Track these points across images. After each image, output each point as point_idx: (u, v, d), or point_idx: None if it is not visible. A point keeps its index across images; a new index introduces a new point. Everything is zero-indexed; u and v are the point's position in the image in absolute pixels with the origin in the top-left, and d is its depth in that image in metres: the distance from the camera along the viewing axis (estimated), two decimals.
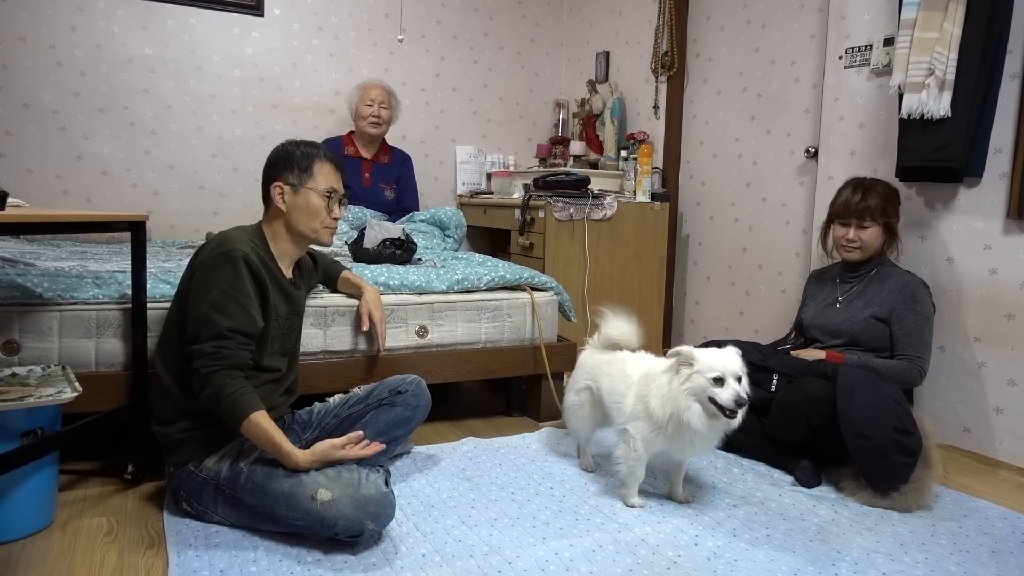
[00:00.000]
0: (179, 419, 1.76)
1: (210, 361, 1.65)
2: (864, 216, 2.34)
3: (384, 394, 2.01)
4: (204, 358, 1.66)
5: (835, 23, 2.89)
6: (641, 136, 3.65)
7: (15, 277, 1.93)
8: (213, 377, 1.65)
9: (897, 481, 1.97)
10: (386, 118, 3.49)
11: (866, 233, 2.35)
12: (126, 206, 3.47)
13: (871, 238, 2.35)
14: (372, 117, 3.44)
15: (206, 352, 1.66)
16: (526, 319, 2.61)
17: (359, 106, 3.46)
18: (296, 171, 1.85)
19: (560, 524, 1.82)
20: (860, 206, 2.34)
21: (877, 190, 2.36)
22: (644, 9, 3.81)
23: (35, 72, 3.28)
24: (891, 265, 2.41)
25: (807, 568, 1.64)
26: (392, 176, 3.58)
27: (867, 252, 2.38)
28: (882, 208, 2.34)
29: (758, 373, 2.30)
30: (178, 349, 1.76)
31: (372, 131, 3.46)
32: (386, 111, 3.48)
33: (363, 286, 2.28)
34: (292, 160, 1.85)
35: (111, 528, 1.74)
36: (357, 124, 3.49)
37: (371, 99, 3.45)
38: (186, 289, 1.77)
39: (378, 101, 3.45)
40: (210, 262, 1.72)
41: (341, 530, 1.60)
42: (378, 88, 3.50)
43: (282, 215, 1.86)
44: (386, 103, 3.49)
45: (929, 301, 2.32)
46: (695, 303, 3.71)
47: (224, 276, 1.70)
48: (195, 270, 1.75)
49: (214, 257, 1.72)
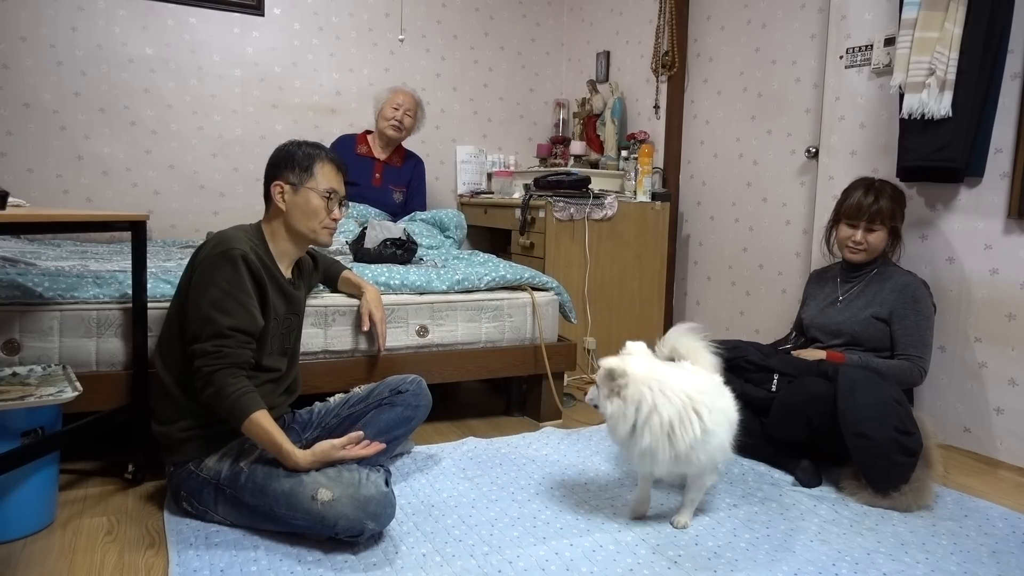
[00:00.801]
0: (180, 418, 1.76)
1: (212, 360, 1.66)
2: (875, 219, 2.32)
3: (384, 394, 2.01)
4: (206, 357, 1.66)
5: (836, 23, 2.89)
6: (642, 136, 3.65)
7: (16, 277, 1.93)
8: (215, 376, 1.65)
9: (897, 481, 1.96)
10: (408, 125, 3.50)
11: (873, 236, 2.34)
12: (127, 206, 3.47)
13: (877, 241, 2.35)
14: (394, 121, 3.44)
15: (208, 351, 1.66)
16: (526, 319, 2.60)
17: (385, 107, 3.47)
18: (297, 171, 1.85)
19: (560, 524, 1.82)
20: (872, 209, 2.31)
21: (888, 193, 2.35)
22: (644, 9, 3.81)
23: (36, 72, 3.28)
24: (892, 265, 2.41)
25: (807, 568, 1.64)
26: (403, 179, 3.58)
27: (871, 255, 2.37)
28: (892, 212, 2.34)
29: (759, 373, 2.30)
30: (178, 348, 1.76)
31: (391, 133, 3.46)
32: (410, 119, 3.49)
33: (364, 286, 2.28)
34: (293, 160, 1.86)
35: (111, 528, 1.74)
36: (378, 124, 3.50)
37: (398, 103, 3.46)
38: (186, 288, 1.77)
39: (404, 108, 3.46)
40: (209, 261, 1.72)
41: (341, 530, 1.60)
42: (408, 96, 3.51)
43: (281, 214, 1.86)
44: (412, 112, 3.49)
45: (929, 301, 2.32)
46: (695, 303, 3.71)
47: (224, 275, 1.70)
48: (194, 269, 1.75)
49: (213, 256, 1.72)
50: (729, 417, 1.79)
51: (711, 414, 1.70)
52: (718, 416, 1.73)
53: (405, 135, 3.53)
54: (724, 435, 1.75)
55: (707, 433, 1.69)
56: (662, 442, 1.66)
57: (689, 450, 1.68)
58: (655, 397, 1.66)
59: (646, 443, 1.66)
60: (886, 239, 2.37)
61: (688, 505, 1.84)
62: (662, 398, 1.66)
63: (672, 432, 1.66)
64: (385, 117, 3.46)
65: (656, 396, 1.66)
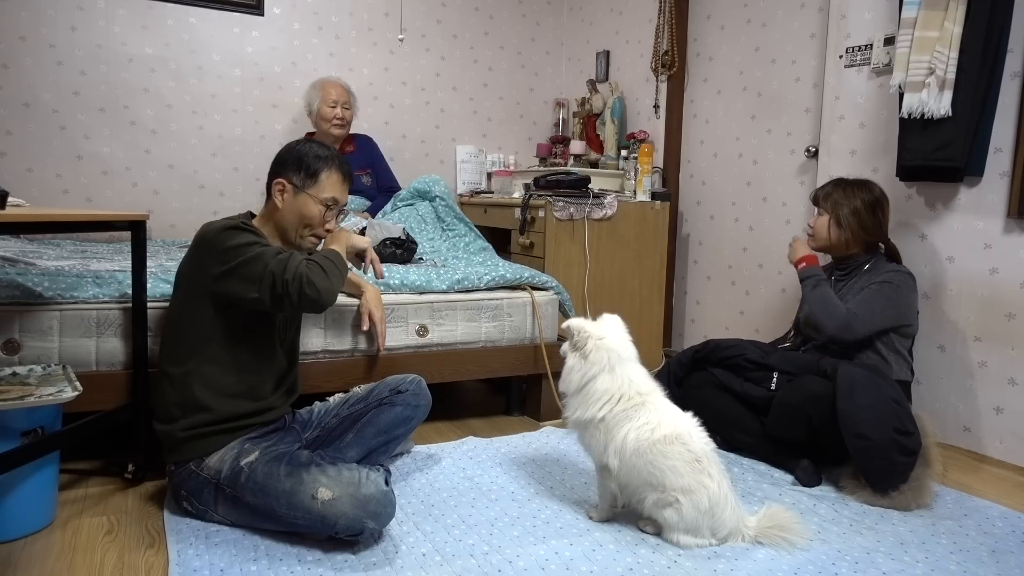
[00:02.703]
0: (183, 417, 1.75)
1: (286, 263, 1.67)
2: (817, 202, 2.45)
3: (384, 393, 2.01)
4: (280, 266, 1.66)
5: (835, 22, 2.89)
6: (641, 135, 3.65)
7: (15, 276, 1.93)
8: (299, 268, 1.66)
9: (897, 481, 1.97)
10: (349, 118, 3.43)
11: (818, 221, 2.43)
12: (126, 205, 3.47)
13: (820, 227, 2.42)
14: (336, 120, 3.36)
15: (282, 260, 1.67)
16: (526, 318, 2.60)
17: (320, 107, 3.37)
18: (302, 173, 1.84)
19: (560, 523, 1.82)
20: (819, 193, 2.45)
21: (848, 186, 2.39)
22: (644, 8, 3.81)
23: (35, 71, 3.28)
24: (885, 262, 2.38)
25: (807, 568, 1.64)
26: (364, 162, 3.52)
27: (819, 242, 2.43)
28: (836, 201, 2.37)
29: (758, 371, 2.30)
30: (183, 342, 1.77)
31: (337, 132, 3.39)
32: (348, 111, 3.41)
33: (363, 285, 2.28)
34: (302, 161, 1.85)
35: (111, 527, 1.74)
36: (319, 126, 3.41)
37: (333, 100, 3.36)
38: (183, 283, 1.78)
39: (340, 102, 3.36)
40: (215, 237, 1.72)
41: (342, 529, 1.60)
42: (338, 87, 3.41)
43: (276, 211, 1.86)
44: (348, 103, 3.41)
45: (904, 291, 2.26)
46: (695, 302, 3.71)
47: (234, 236, 1.72)
48: (207, 251, 1.74)
49: (215, 232, 1.73)
50: (652, 434, 1.73)
51: (644, 419, 1.73)
52: (646, 421, 1.74)
53: (348, 129, 3.45)
54: (624, 435, 1.74)
55: (625, 427, 1.73)
56: (590, 407, 1.77)
57: (600, 422, 1.76)
58: (601, 366, 1.77)
59: (577, 399, 1.81)
60: (832, 228, 2.37)
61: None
62: (608, 372, 1.77)
63: (607, 401, 1.76)
64: (325, 118, 3.36)
65: (604, 365, 1.77)
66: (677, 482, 1.68)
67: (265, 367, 1.85)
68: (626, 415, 1.75)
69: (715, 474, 1.69)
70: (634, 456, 1.71)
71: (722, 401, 2.33)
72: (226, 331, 1.75)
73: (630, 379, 1.78)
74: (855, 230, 2.35)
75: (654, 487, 1.71)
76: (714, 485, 1.68)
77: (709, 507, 1.67)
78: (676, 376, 2.48)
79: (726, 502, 1.70)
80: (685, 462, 1.68)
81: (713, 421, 2.09)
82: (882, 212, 2.38)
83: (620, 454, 1.73)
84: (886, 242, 2.41)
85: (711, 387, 2.38)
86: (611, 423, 1.76)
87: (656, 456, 1.69)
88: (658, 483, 1.70)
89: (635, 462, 1.71)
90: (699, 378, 2.42)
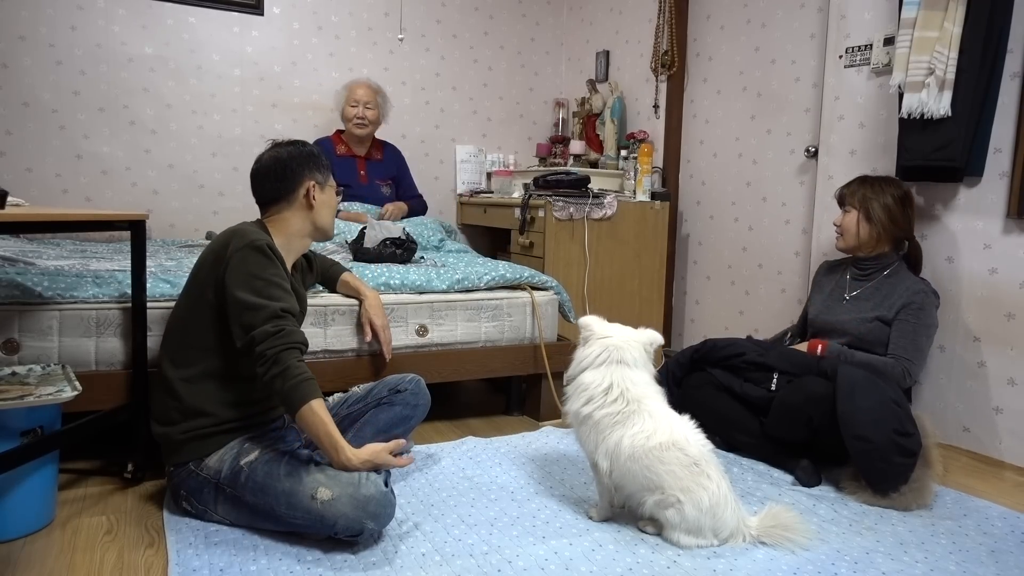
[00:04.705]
0: (182, 420, 1.75)
1: (276, 340, 1.65)
2: (844, 201, 2.44)
3: (383, 393, 2.01)
4: (269, 338, 1.65)
5: (835, 22, 2.89)
6: (641, 135, 3.65)
7: (15, 276, 1.93)
8: (282, 355, 1.64)
9: (897, 482, 1.96)
10: (372, 118, 3.45)
11: (846, 218, 2.42)
12: (126, 205, 3.47)
13: (850, 224, 2.42)
14: (357, 119, 3.41)
15: (270, 332, 1.65)
16: (526, 318, 2.60)
17: (344, 107, 3.44)
18: (322, 169, 1.91)
19: (560, 523, 1.82)
20: (845, 190, 2.45)
21: (873, 181, 2.41)
22: (644, 8, 3.81)
23: (35, 71, 3.28)
24: (906, 270, 2.41)
25: (806, 568, 1.64)
26: (388, 173, 3.57)
27: (849, 240, 2.43)
28: (864, 195, 2.38)
29: (758, 372, 2.30)
30: (187, 347, 1.76)
31: (358, 132, 3.43)
32: (372, 111, 3.44)
33: (363, 291, 2.27)
34: (319, 160, 1.92)
35: (111, 527, 1.74)
36: (345, 125, 3.48)
37: (356, 100, 3.41)
38: (197, 287, 1.77)
39: (363, 102, 3.41)
40: (240, 254, 1.71)
41: (341, 529, 1.60)
42: (364, 87, 3.45)
43: (308, 211, 1.89)
44: (372, 103, 3.44)
45: (935, 313, 2.33)
46: (695, 302, 3.71)
47: (259, 264, 1.71)
48: (227, 266, 1.71)
49: (242, 249, 1.71)
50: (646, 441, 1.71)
51: (639, 426, 1.72)
52: (641, 429, 1.72)
53: (373, 128, 3.49)
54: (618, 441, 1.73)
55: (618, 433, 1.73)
56: (576, 400, 1.80)
57: (589, 420, 1.77)
58: (592, 360, 1.80)
59: (568, 389, 1.85)
60: (862, 224, 2.38)
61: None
62: (596, 368, 1.79)
63: (591, 396, 1.77)
64: (347, 117, 3.43)
65: (594, 360, 1.79)
66: (676, 484, 1.68)
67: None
68: (618, 420, 1.74)
69: (714, 475, 1.69)
70: (629, 461, 1.71)
71: (721, 401, 2.33)
72: (229, 340, 1.74)
73: (621, 381, 1.77)
74: (886, 225, 2.37)
75: (652, 491, 1.70)
76: (713, 486, 1.68)
77: (710, 506, 1.67)
78: (675, 376, 2.48)
79: (726, 502, 1.70)
80: (683, 467, 1.68)
81: (712, 421, 2.10)
82: (911, 207, 2.41)
83: (612, 457, 1.73)
84: (911, 238, 2.42)
85: (710, 387, 2.37)
86: (602, 424, 1.75)
87: (653, 461, 1.69)
88: (656, 487, 1.70)
89: (631, 467, 1.71)
90: (698, 378, 2.42)
